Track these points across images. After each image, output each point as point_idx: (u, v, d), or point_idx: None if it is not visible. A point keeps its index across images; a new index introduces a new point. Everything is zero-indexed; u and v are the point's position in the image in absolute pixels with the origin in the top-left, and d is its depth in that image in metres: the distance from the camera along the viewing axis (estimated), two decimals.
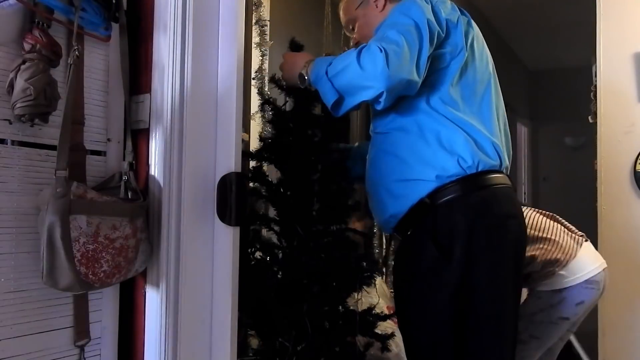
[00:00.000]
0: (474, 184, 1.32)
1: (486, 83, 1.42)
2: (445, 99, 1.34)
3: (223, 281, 1.31)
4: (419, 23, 1.28)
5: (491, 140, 1.35)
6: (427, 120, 1.34)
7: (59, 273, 1.09)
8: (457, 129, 1.32)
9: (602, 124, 2.43)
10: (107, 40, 1.29)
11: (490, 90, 1.42)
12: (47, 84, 1.11)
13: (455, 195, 1.30)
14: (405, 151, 1.36)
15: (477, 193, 1.32)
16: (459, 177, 1.31)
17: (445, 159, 1.32)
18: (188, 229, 1.28)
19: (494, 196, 1.35)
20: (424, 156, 1.34)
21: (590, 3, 2.49)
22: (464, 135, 1.32)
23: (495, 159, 1.36)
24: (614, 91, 2.41)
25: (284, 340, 1.47)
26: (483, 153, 1.33)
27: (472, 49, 1.39)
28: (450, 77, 1.35)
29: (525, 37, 5.01)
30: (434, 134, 1.33)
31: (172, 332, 1.26)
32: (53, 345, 1.19)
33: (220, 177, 1.31)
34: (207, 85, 1.32)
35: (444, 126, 1.33)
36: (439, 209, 1.31)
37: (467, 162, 1.31)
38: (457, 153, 1.31)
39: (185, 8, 1.29)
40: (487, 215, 1.32)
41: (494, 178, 1.35)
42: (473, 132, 1.33)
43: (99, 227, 1.13)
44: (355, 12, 1.56)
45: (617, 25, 2.39)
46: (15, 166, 1.13)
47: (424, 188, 1.32)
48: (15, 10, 1.12)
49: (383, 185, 1.41)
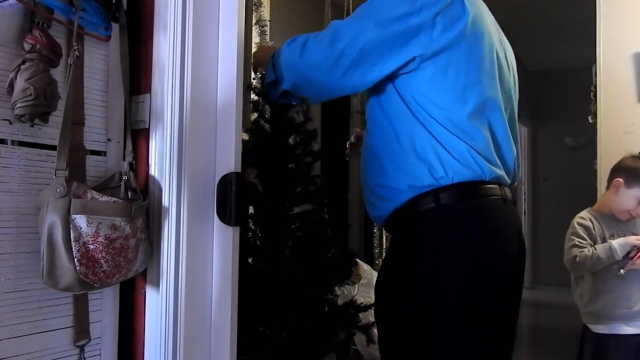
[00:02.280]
0: (447, 197, 1.21)
1: (476, 87, 1.24)
2: (418, 98, 1.23)
3: (223, 281, 1.31)
4: (367, 39, 1.22)
5: (469, 150, 1.21)
6: (402, 121, 1.25)
7: (59, 273, 1.09)
8: (430, 136, 1.22)
9: (602, 124, 2.43)
10: (107, 40, 1.29)
11: (481, 94, 1.24)
12: (47, 84, 1.11)
13: (427, 208, 1.22)
14: (382, 152, 1.29)
15: (451, 207, 1.21)
16: (432, 187, 1.21)
17: (418, 167, 1.22)
18: (188, 229, 1.28)
19: (471, 210, 1.23)
20: (398, 162, 1.26)
21: (590, 3, 2.49)
22: (437, 143, 1.21)
23: (475, 169, 1.22)
24: (614, 91, 2.41)
25: (265, 329, 1.49)
26: (460, 163, 1.21)
27: (456, 43, 1.22)
28: (424, 78, 1.22)
29: (525, 37, 5.01)
30: (408, 138, 1.24)
31: (172, 332, 1.26)
32: (53, 345, 1.19)
33: (220, 177, 1.31)
34: (207, 85, 1.32)
35: (417, 130, 1.23)
36: (410, 221, 1.24)
37: (438, 172, 1.21)
38: (428, 162, 1.21)
39: (185, 8, 1.29)
40: (461, 232, 1.21)
41: (474, 190, 1.23)
42: (448, 140, 1.21)
43: (99, 227, 1.13)
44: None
45: (617, 25, 2.39)
46: (15, 166, 1.13)
47: (398, 197, 1.25)
48: (15, 10, 1.12)
49: (368, 187, 1.37)
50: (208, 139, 1.32)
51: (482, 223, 1.23)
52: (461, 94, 1.22)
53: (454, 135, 1.21)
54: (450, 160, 1.21)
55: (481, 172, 1.23)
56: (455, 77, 1.22)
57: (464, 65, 1.22)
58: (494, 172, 1.25)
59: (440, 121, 1.22)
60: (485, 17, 1.31)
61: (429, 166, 1.21)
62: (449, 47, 1.21)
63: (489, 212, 1.25)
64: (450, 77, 1.22)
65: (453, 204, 1.21)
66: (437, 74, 1.22)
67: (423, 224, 1.23)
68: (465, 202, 1.22)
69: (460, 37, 1.21)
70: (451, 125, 1.22)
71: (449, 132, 1.21)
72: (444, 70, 1.22)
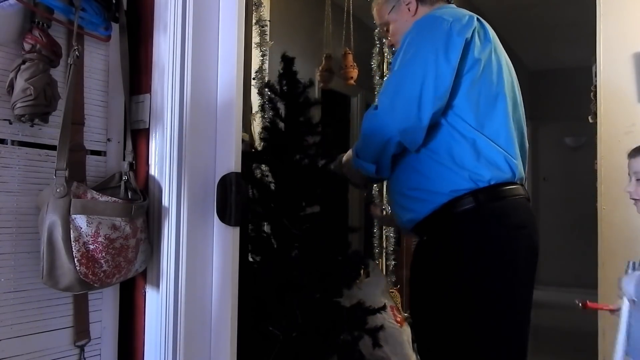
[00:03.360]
0: (485, 197, 1.34)
1: (500, 95, 1.41)
2: (457, 110, 1.36)
3: (223, 281, 1.31)
4: (426, 75, 1.32)
5: (503, 154, 1.37)
6: (439, 134, 1.37)
7: (59, 273, 1.09)
8: (468, 145, 1.34)
9: (602, 124, 2.43)
10: (107, 40, 1.29)
11: (504, 101, 1.41)
12: (47, 84, 1.11)
13: (467, 207, 1.33)
14: (415, 160, 1.40)
15: (489, 205, 1.34)
16: (471, 190, 1.34)
17: (458, 173, 1.35)
18: (188, 229, 1.28)
19: (505, 208, 1.37)
20: (437, 169, 1.37)
21: (590, 3, 2.48)
22: (475, 150, 1.34)
23: (508, 171, 1.37)
24: (614, 91, 2.40)
25: (274, 329, 1.49)
26: (495, 167, 1.35)
27: (486, 61, 1.39)
28: (463, 90, 1.36)
29: (525, 37, 5.01)
30: (445, 146, 1.36)
31: (172, 332, 1.26)
32: (53, 345, 1.19)
33: (220, 177, 1.30)
34: (207, 85, 1.32)
35: (455, 141, 1.35)
36: (451, 219, 1.35)
37: (478, 177, 1.34)
38: (468, 169, 1.34)
39: (185, 8, 1.29)
40: (497, 226, 1.35)
41: (507, 190, 1.37)
42: (484, 147, 1.35)
43: (98, 227, 1.13)
44: (387, 16, 1.58)
45: (617, 25, 2.39)
46: (15, 166, 1.13)
47: (437, 200, 1.36)
48: (15, 10, 1.12)
49: (399, 193, 1.46)
50: (208, 139, 1.32)
51: (512, 220, 1.37)
52: (493, 102, 1.38)
53: (490, 140, 1.35)
54: (488, 165, 1.34)
55: (512, 174, 1.39)
56: (488, 86, 1.39)
57: (495, 77, 1.41)
58: (521, 174, 1.43)
59: (478, 129, 1.35)
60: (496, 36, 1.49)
61: (469, 172, 1.33)
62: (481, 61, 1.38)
63: (517, 209, 1.40)
64: (484, 88, 1.38)
65: (489, 203, 1.34)
66: (474, 86, 1.36)
67: (462, 223, 1.34)
68: (499, 201, 1.36)
69: (490, 53, 1.41)
70: (487, 132, 1.36)
71: (485, 138, 1.35)
72: (479, 82, 1.37)
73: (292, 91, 1.66)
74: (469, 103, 1.36)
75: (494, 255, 1.33)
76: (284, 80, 1.68)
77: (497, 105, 1.39)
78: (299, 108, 1.66)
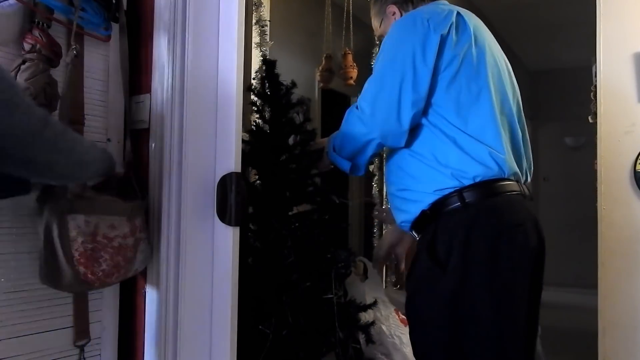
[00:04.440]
0: (473, 195, 1.31)
1: (484, 89, 1.36)
2: (438, 109, 1.35)
3: (223, 281, 1.31)
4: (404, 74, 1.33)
5: (488, 150, 1.32)
6: (419, 130, 1.37)
7: (58, 273, 1.09)
8: (450, 142, 1.33)
9: (602, 124, 2.42)
10: (107, 40, 1.29)
11: (488, 95, 1.36)
12: (46, 84, 1.11)
13: (453, 207, 1.32)
14: (403, 161, 1.41)
15: (477, 203, 1.31)
16: (456, 188, 1.32)
17: (441, 172, 1.33)
18: (188, 229, 1.28)
19: (497, 205, 1.33)
20: (422, 169, 1.37)
21: (590, 3, 2.48)
22: (458, 147, 1.32)
23: (494, 167, 1.33)
24: (614, 91, 2.40)
25: (264, 328, 1.50)
26: (480, 164, 1.32)
27: (464, 56, 1.36)
28: (442, 87, 1.34)
29: (525, 37, 5.01)
30: (429, 145, 1.35)
31: (172, 332, 1.26)
32: (53, 345, 1.19)
33: (220, 177, 1.30)
34: (206, 85, 1.32)
35: (438, 139, 1.34)
36: (438, 219, 1.33)
37: (462, 174, 1.31)
38: (451, 167, 1.32)
39: (185, 8, 1.29)
40: (485, 225, 1.31)
41: (498, 187, 1.34)
42: (466, 144, 1.32)
43: (97, 227, 1.13)
44: (380, 29, 1.62)
45: (617, 25, 2.39)
46: None
47: (425, 199, 1.35)
48: (15, 10, 1.12)
49: (393, 195, 1.47)
50: (208, 139, 1.32)
51: (505, 218, 1.33)
52: (476, 97, 1.34)
53: (473, 137, 1.32)
54: (471, 162, 1.31)
55: (500, 170, 1.33)
56: (467, 82, 1.34)
57: (474, 71, 1.36)
58: (512, 170, 1.37)
59: (459, 126, 1.33)
60: (482, 28, 1.45)
61: (452, 170, 1.31)
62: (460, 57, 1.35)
63: (510, 207, 1.35)
64: (464, 84, 1.34)
65: (477, 202, 1.31)
66: (452, 82, 1.34)
67: (450, 222, 1.31)
68: (488, 199, 1.32)
69: (468, 47, 1.36)
70: (469, 128, 1.33)
71: (467, 135, 1.32)
72: (457, 78, 1.34)
73: (275, 93, 1.68)
74: (449, 100, 1.34)
75: (480, 255, 1.28)
76: (266, 82, 1.71)
77: (480, 100, 1.35)
78: (282, 109, 1.68)
